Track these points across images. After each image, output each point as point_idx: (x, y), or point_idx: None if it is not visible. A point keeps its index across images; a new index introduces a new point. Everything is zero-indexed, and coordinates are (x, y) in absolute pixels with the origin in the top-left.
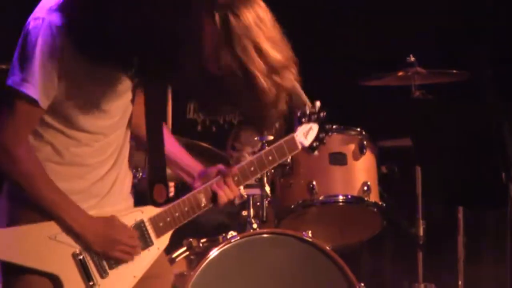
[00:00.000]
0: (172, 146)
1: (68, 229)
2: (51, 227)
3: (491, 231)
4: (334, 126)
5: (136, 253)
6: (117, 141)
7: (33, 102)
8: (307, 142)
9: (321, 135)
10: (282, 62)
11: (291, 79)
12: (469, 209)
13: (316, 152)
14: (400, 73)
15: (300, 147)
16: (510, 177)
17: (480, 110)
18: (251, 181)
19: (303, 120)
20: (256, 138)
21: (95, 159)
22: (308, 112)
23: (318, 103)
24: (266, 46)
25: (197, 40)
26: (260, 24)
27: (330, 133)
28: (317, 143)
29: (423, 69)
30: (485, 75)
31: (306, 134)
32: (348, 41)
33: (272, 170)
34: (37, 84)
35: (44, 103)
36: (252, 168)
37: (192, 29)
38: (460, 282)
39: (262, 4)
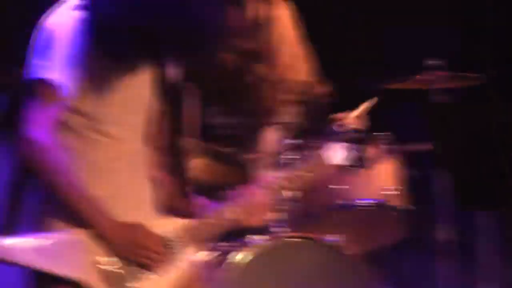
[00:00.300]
0: None
1: (97, 235)
2: (79, 234)
3: None
4: (357, 131)
5: (163, 260)
6: (140, 146)
7: (57, 88)
8: (336, 160)
9: (352, 156)
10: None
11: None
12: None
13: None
14: (419, 77)
15: (327, 165)
16: None
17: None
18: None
19: (337, 137)
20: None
21: (119, 164)
22: (342, 129)
23: (353, 126)
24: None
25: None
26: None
27: (363, 156)
28: (349, 164)
29: (443, 73)
30: (491, 77)
31: (337, 152)
32: (364, 45)
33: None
34: (60, 69)
35: (69, 89)
36: (281, 184)
37: (215, 16)
38: None
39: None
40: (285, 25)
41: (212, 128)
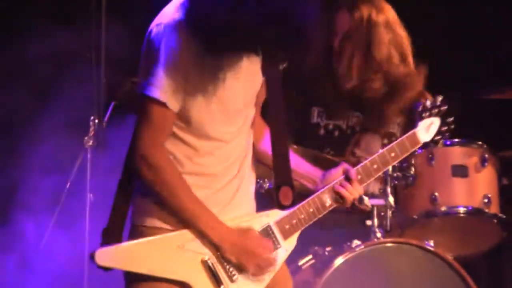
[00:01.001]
0: (291, 155)
1: (201, 237)
2: (179, 237)
3: None
4: (456, 140)
5: (271, 268)
6: (239, 147)
7: (162, 105)
8: (429, 137)
9: (443, 129)
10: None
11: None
12: None
13: (439, 145)
14: None
15: (421, 142)
16: None
17: None
18: (375, 190)
19: (424, 115)
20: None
21: (218, 168)
22: (429, 106)
23: (439, 97)
24: (396, 52)
25: (322, 30)
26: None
27: (451, 127)
28: (440, 137)
29: None
30: None
31: (428, 128)
32: (466, 55)
33: (396, 182)
34: (164, 87)
35: (174, 106)
36: (375, 166)
37: (317, 18)
38: None
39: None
40: (394, 29)
41: (316, 128)
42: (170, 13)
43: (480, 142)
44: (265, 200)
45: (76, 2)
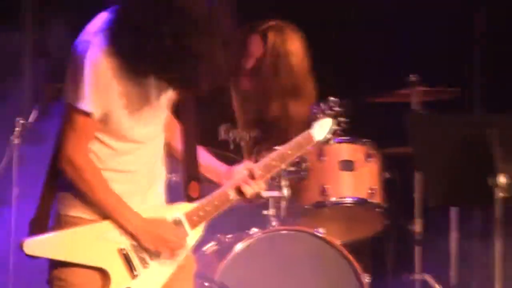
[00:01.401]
0: (199, 151)
1: (119, 228)
2: (100, 227)
3: (480, 228)
4: (343, 138)
5: (181, 252)
6: (153, 148)
7: (86, 114)
8: (322, 136)
9: (335, 128)
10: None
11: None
12: (461, 207)
13: (331, 142)
14: (402, 92)
15: (315, 140)
16: (496, 182)
17: (470, 122)
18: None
19: (319, 116)
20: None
21: (136, 165)
22: (323, 108)
23: (332, 100)
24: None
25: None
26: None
27: (343, 125)
28: (332, 136)
29: (423, 87)
30: (475, 91)
31: (321, 128)
32: (355, 62)
33: (290, 175)
34: (90, 100)
35: (96, 115)
36: (274, 163)
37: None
38: (452, 273)
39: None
40: (300, 58)
41: (225, 144)
42: (93, 32)
43: (365, 140)
44: (174, 192)
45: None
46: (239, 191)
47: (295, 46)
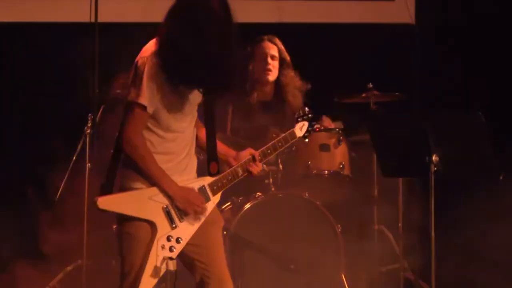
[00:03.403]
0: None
1: (163, 192)
2: (149, 191)
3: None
4: (322, 127)
5: (203, 214)
6: (189, 136)
7: (144, 108)
8: (301, 134)
9: (310, 129)
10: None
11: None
12: (404, 177)
13: (306, 140)
14: (363, 95)
15: (297, 136)
16: (431, 160)
17: (412, 117)
18: (270, 158)
19: (299, 119)
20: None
21: (177, 148)
22: (302, 114)
23: (307, 108)
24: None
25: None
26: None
27: (316, 128)
28: (307, 134)
29: (378, 92)
30: (414, 95)
31: (301, 128)
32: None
33: (284, 152)
34: (146, 97)
35: (150, 109)
36: (269, 151)
37: (238, 58)
38: (400, 225)
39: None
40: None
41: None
42: (149, 50)
43: (337, 129)
44: (201, 168)
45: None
46: (245, 170)
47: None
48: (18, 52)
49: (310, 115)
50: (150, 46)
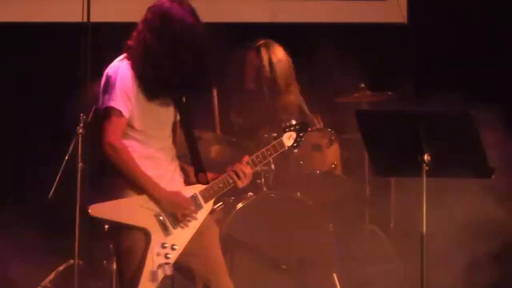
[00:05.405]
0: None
1: (152, 199)
2: (141, 199)
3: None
4: (314, 128)
5: (192, 216)
6: (169, 143)
7: (119, 113)
8: (289, 143)
9: (298, 139)
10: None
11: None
12: (396, 176)
13: (296, 150)
14: (356, 94)
15: (286, 146)
16: (423, 159)
17: (403, 116)
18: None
19: (287, 130)
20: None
21: (160, 154)
22: (289, 125)
23: (293, 121)
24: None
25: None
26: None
27: (303, 139)
28: (295, 144)
29: (370, 92)
30: (406, 95)
31: (289, 138)
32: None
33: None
34: (119, 101)
35: (126, 113)
36: (259, 159)
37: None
38: (392, 224)
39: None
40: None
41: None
42: (119, 60)
43: (329, 129)
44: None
45: None
46: (237, 177)
47: (280, 56)
48: (10, 51)
49: (297, 127)
50: (117, 61)
